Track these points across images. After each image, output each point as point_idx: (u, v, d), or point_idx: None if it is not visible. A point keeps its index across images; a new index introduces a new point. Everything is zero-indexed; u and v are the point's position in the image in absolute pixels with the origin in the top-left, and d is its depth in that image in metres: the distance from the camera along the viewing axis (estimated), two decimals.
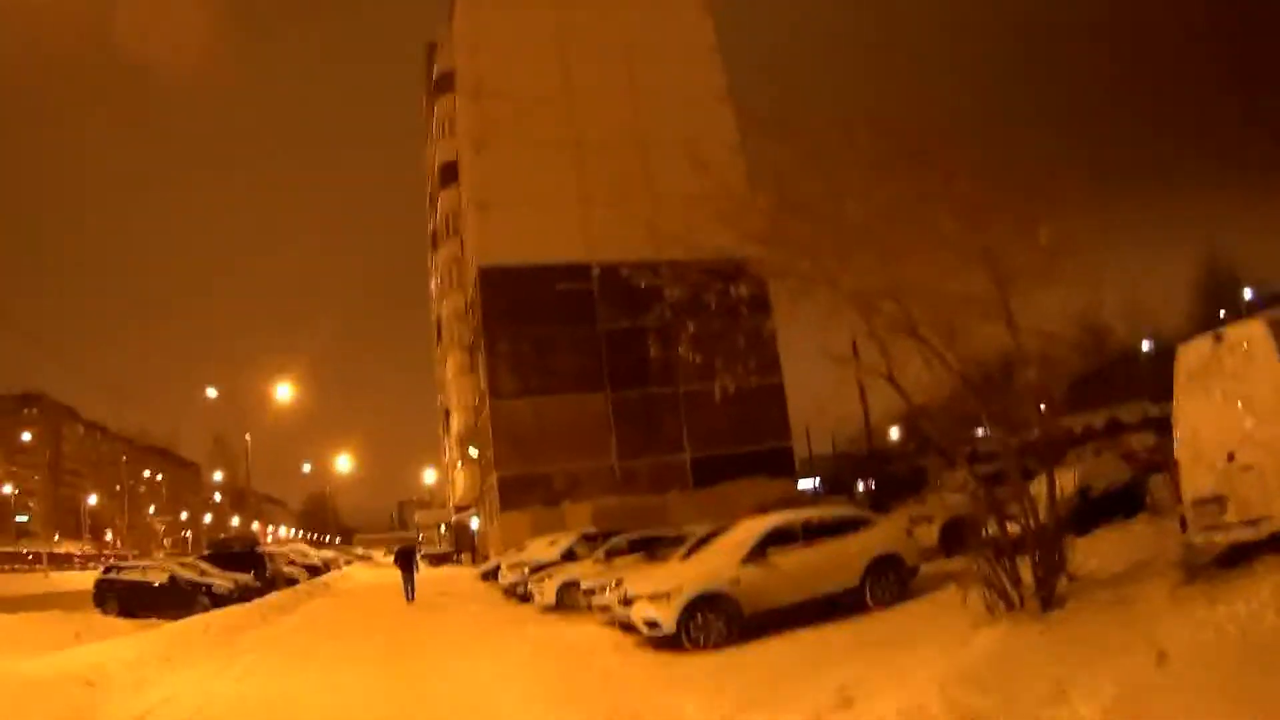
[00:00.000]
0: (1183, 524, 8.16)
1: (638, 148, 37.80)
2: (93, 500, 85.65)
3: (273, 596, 24.72)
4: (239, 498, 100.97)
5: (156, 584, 22.82)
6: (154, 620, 18.74)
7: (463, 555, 53.03)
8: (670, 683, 9.30)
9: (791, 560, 11.70)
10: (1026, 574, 8.23)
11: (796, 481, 38.19)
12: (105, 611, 21.63)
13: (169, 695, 10.59)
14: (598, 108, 38.63)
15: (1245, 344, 7.68)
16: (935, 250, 8.48)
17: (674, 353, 42.72)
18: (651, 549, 16.84)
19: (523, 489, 37.21)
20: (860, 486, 34.11)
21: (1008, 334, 8.40)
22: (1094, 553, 10.04)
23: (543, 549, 22.69)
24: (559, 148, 38.81)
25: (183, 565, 25.47)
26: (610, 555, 17.84)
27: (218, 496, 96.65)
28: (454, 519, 56.90)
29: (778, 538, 11.93)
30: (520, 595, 20.62)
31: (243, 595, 23.21)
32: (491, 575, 27.29)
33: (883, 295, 8.50)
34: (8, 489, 78.19)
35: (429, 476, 69.75)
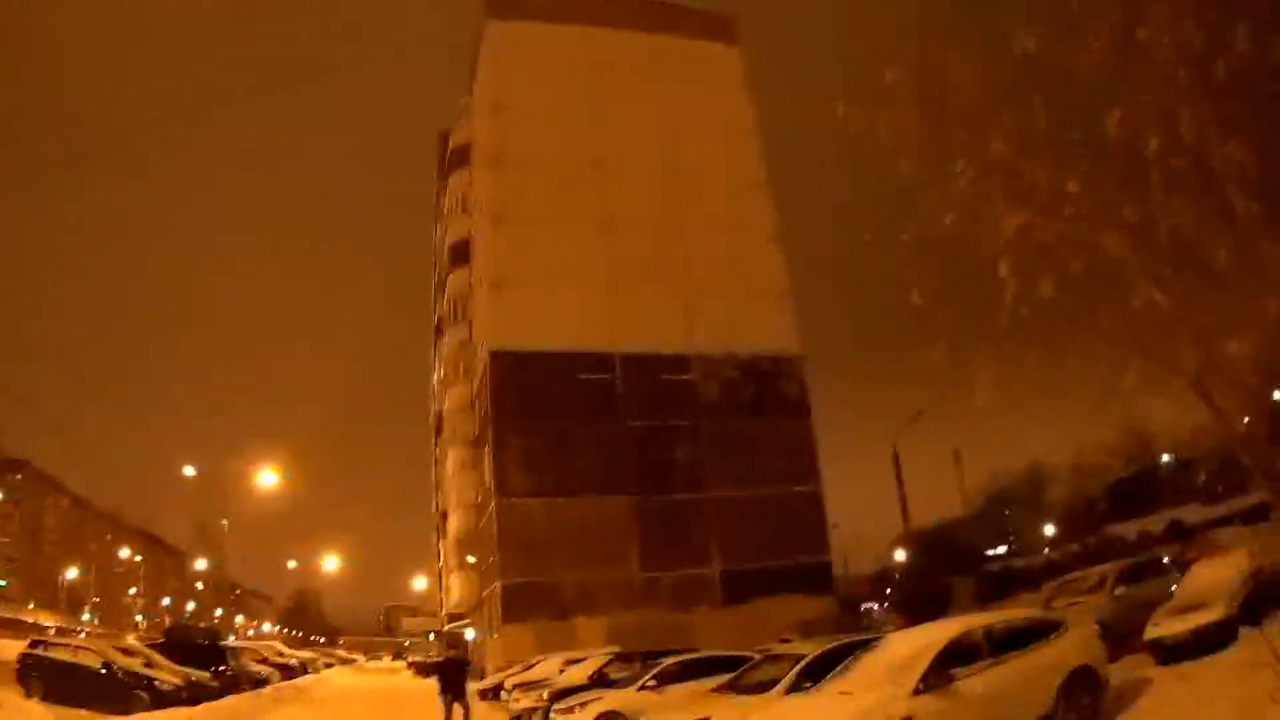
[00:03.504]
0: None
1: (671, 231, 34.86)
2: (72, 574, 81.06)
3: (229, 700, 21.18)
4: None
5: (89, 669, 19.36)
6: (82, 713, 16.44)
7: None
8: None
9: (978, 684, 8.87)
10: None
11: (836, 600, 34.58)
12: (29, 693, 18.19)
13: None
14: (629, 184, 35.97)
15: None
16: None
17: (702, 454, 39.27)
18: (719, 674, 13.91)
19: (528, 599, 33.64)
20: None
21: None
22: None
23: (558, 668, 20.24)
24: (584, 225, 36.21)
25: (125, 651, 21.70)
26: (662, 681, 14.92)
27: (200, 585, 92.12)
28: (446, 628, 52.43)
29: (958, 654, 9.10)
30: None
31: (194, 695, 20.04)
32: (492, 694, 24.33)
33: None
34: None
35: (420, 582, 66.02)
